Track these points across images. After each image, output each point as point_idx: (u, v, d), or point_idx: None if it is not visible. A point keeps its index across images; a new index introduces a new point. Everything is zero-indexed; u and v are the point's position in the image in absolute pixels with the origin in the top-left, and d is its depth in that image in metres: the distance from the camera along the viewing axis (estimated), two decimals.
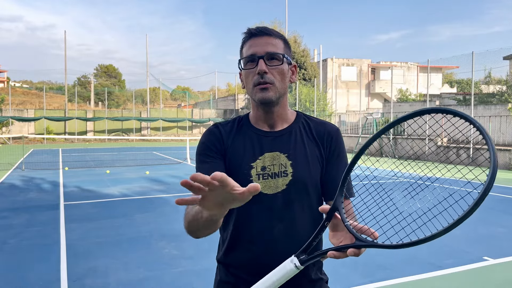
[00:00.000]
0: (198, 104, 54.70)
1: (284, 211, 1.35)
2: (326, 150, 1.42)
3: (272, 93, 1.32)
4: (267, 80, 1.31)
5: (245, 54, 1.35)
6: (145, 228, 6.21)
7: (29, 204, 8.12)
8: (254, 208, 1.34)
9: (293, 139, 1.40)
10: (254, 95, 1.34)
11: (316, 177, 1.39)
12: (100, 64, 66.24)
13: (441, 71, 40.08)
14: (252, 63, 1.33)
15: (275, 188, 1.35)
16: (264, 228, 1.35)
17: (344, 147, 1.47)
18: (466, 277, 4.31)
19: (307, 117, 1.48)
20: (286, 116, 1.42)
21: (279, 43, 1.35)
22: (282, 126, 1.42)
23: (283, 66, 1.34)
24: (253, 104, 1.42)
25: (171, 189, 10.01)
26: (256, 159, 1.37)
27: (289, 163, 1.36)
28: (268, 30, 1.35)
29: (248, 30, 1.37)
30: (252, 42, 1.34)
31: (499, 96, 23.11)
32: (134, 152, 22.48)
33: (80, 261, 4.72)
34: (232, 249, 1.41)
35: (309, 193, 1.39)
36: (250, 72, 1.34)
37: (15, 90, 52.28)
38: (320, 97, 29.36)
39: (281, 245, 1.35)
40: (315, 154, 1.41)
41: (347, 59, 37.86)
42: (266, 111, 1.38)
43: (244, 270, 1.38)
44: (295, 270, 1.06)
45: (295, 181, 1.36)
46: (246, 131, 1.42)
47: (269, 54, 1.31)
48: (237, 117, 1.49)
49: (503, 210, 7.66)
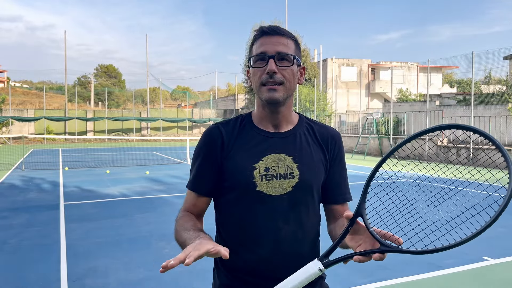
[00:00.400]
0: (198, 104, 54.71)
1: (290, 213, 1.34)
2: (330, 154, 1.43)
3: (279, 93, 1.30)
4: (276, 80, 1.29)
5: (255, 52, 1.33)
6: (145, 228, 6.21)
7: (29, 204, 8.12)
8: (259, 209, 1.33)
9: (298, 142, 1.39)
10: (262, 94, 1.32)
11: (320, 180, 1.40)
12: (100, 64, 66.32)
13: (441, 71, 40.08)
14: (261, 61, 1.31)
15: (281, 190, 1.33)
16: (270, 230, 1.33)
17: (344, 152, 1.50)
18: (466, 277, 4.31)
19: (310, 120, 1.48)
20: (290, 118, 1.41)
21: (290, 44, 1.33)
22: (287, 128, 1.40)
23: (292, 67, 1.32)
24: (258, 103, 1.40)
25: (171, 189, 10.01)
26: (259, 160, 1.35)
27: (295, 166, 1.35)
28: (280, 29, 1.33)
29: (260, 28, 1.35)
30: (263, 41, 1.32)
31: (499, 96, 23.11)
32: (134, 152, 22.48)
33: (80, 261, 4.72)
34: (236, 252, 1.36)
35: (314, 196, 1.39)
36: (259, 71, 1.32)
37: (15, 90, 52.29)
38: (320, 97, 29.37)
39: (287, 247, 1.33)
40: (320, 158, 1.41)
41: (347, 59, 37.86)
42: (272, 111, 1.36)
43: (250, 273, 1.35)
44: (318, 273, 1.12)
45: (302, 184, 1.35)
46: (249, 131, 1.40)
47: (280, 54, 1.30)
48: (239, 116, 1.46)
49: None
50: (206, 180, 1.40)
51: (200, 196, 1.41)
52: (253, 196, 1.33)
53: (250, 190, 1.32)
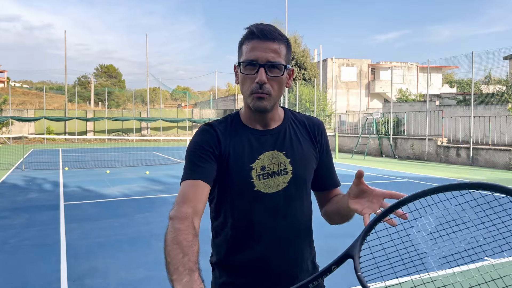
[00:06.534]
0: (198, 104, 54.72)
1: (286, 208, 1.37)
2: (319, 145, 1.47)
3: (267, 102, 1.31)
4: (265, 90, 1.29)
5: (245, 56, 1.31)
6: (145, 228, 6.21)
7: (29, 204, 8.12)
8: (256, 207, 1.35)
9: (288, 137, 1.41)
10: (250, 102, 1.33)
11: (311, 172, 1.44)
12: (100, 64, 66.34)
13: (441, 71, 40.09)
14: (252, 67, 1.30)
15: (276, 187, 1.35)
16: (268, 226, 1.36)
17: (328, 138, 1.54)
18: (466, 277, 4.31)
19: (292, 112, 1.50)
20: (277, 115, 1.43)
21: (282, 49, 1.31)
22: (275, 124, 1.42)
23: (283, 76, 1.32)
24: (246, 105, 1.40)
25: (171, 189, 10.01)
26: (255, 160, 1.36)
27: (288, 161, 1.38)
28: (272, 34, 1.30)
29: (251, 30, 1.31)
30: (254, 45, 1.29)
31: (499, 96, 23.12)
32: (134, 152, 22.48)
33: (80, 261, 4.72)
34: (235, 250, 1.39)
35: (307, 188, 1.44)
36: (248, 78, 1.31)
37: (15, 90, 52.32)
38: (320, 97, 29.39)
39: (286, 241, 1.37)
40: (310, 150, 1.44)
41: (347, 59, 37.88)
42: (260, 115, 1.39)
43: (250, 269, 1.37)
44: None
45: (295, 179, 1.38)
46: (241, 130, 1.40)
47: (270, 64, 1.28)
48: (228, 116, 1.45)
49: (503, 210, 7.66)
50: (204, 167, 1.31)
51: (198, 182, 1.27)
52: (252, 196, 1.34)
53: (249, 190, 1.34)
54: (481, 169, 15.13)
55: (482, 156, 16.00)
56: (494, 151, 15.50)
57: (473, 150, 16.34)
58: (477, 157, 16.18)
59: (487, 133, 18.21)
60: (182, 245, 1.11)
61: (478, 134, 18.55)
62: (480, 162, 15.95)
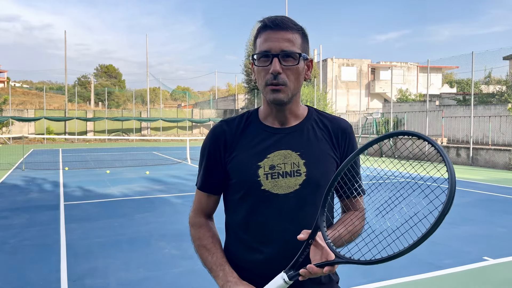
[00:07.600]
0: (198, 104, 54.70)
1: (296, 212, 1.29)
2: (341, 148, 1.38)
3: (284, 94, 1.26)
4: (280, 81, 1.24)
5: (259, 48, 1.27)
6: (145, 228, 6.21)
7: (29, 204, 8.12)
8: (265, 209, 1.30)
9: (305, 137, 1.34)
10: (266, 94, 1.28)
11: (329, 176, 1.26)
12: (100, 64, 66.34)
13: (441, 71, 40.08)
14: (265, 58, 1.26)
15: (287, 188, 1.29)
16: (277, 229, 1.29)
17: (357, 144, 1.42)
18: (465, 277, 4.31)
19: (319, 113, 1.42)
20: (298, 112, 1.37)
21: (296, 39, 1.26)
22: (294, 122, 1.36)
23: (298, 66, 1.26)
24: (264, 99, 1.35)
25: (171, 189, 10.01)
26: (264, 158, 1.31)
27: (302, 162, 1.31)
28: (284, 23, 1.25)
29: (263, 22, 1.27)
30: (267, 36, 1.25)
31: (499, 96, 23.13)
32: (134, 152, 22.47)
33: (80, 261, 4.72)
34: (241, 251, 1.35)
35: (323, 193, 1.28)
36: (263, 70, 1.26)
37: (15, 90, 52.31)
38: (320, 97, 29.37)
39: (293, 247, 1.23)
40: (329, 153, 1.35)
41: (347, 59, 37.86)
42: (278, 109, 1.33)
43: (257, 272, 1.31)
44: (284, 285, 1.15)
45: (309, 181, 1.30)
46: (254, 128, 1.36)
47: (284, 53, 1.24)
48: (246, 112, 1.42)
49: (503, 210, 7.66)
50: (213, 178, 1.40)
51: (208, 194, 1.42)
52: (259, 195, 1.30)
53: (255, 189, 1.30)
54: (481, 169, 15.13)
55: (482, 156, 16.00)
56: (494, 151, 15.50)
57: (473, 150, 16.34)
58: (477, 157, 16.18)
59: (487, 133, 18.22)
60: (207, 248, 1.36)
61: (478, 134, 18.56)
62: (480, 162, 15.95)
